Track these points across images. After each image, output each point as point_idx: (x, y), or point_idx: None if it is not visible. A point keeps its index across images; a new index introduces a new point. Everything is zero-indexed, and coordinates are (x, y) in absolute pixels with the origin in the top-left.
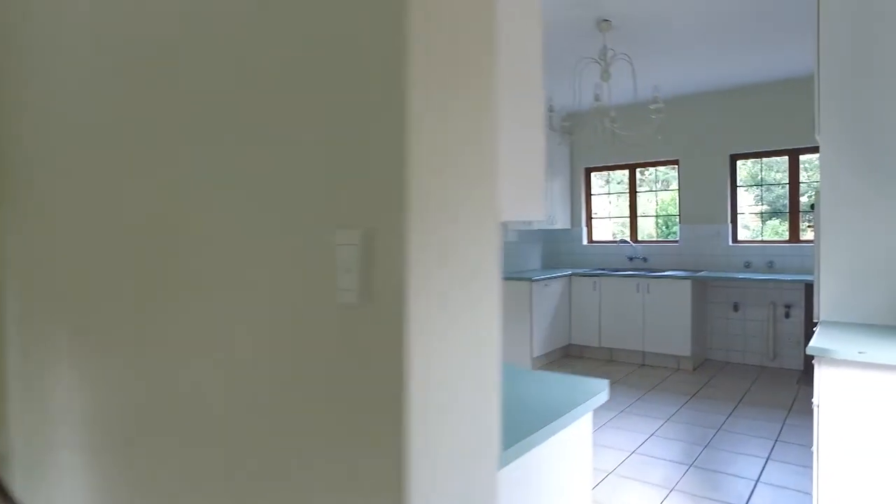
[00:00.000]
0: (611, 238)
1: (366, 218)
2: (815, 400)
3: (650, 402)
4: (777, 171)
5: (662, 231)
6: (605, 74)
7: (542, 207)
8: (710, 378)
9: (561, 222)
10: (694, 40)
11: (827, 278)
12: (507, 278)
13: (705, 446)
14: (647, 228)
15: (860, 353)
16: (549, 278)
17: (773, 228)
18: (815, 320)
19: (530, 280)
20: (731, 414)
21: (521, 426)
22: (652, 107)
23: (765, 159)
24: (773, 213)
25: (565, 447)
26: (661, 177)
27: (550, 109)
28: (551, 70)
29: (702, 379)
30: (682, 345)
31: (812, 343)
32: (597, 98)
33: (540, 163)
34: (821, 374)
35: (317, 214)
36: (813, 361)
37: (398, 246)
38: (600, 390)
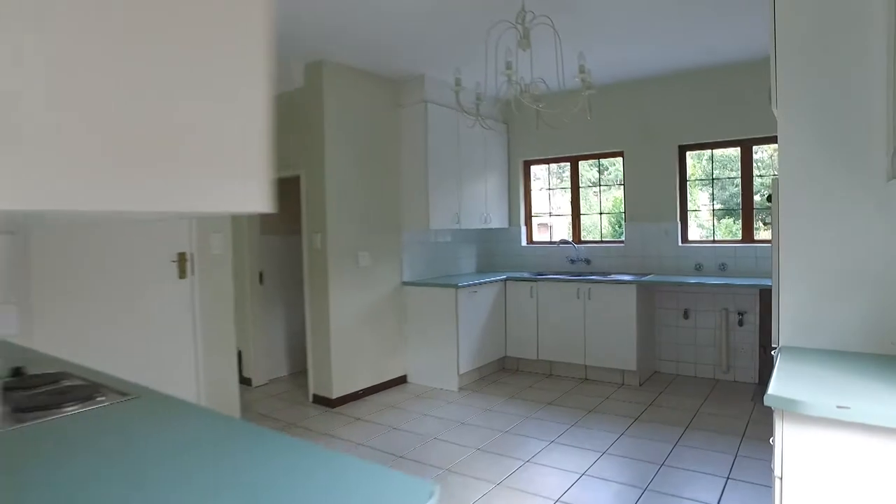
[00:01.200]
0: (552, 239)
1: None
2: (775, 471)
3: (587, 428)
4: (731, 170)
5: (616, 231)
6: (524, 42)
7: (266, 196)
8: (658, 394)
9: (497, 221)
10: (636, 17)
11: (788, 290)
12: (429, 284)
13: (645, 489)
14: (599, 228)
15: (840, 407)
16: (478, 284)
17: (727, 227)
18: (773, 346)
19: (455, 287)
20: (677, 443)
21: None
22: (578, 77)
23: (717, 151)
24: (727, 211)
25: None
26: (616, 173)
27: (478, 98)
28: (479, 53)
29: (648, 396)
30: (627, 357)
31: (771, 390)
32: (508, 67)
33: (256, 133)
34: (785, 434)
35: None
36: (773, 411)
37: None
38: None
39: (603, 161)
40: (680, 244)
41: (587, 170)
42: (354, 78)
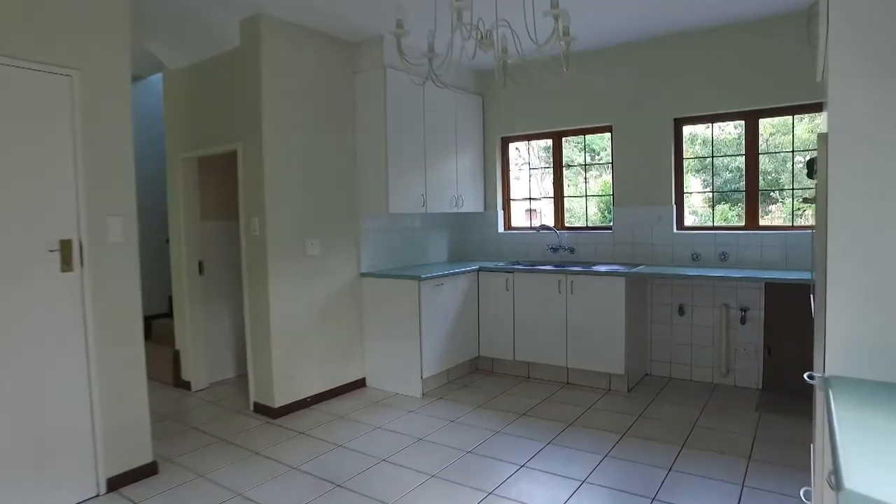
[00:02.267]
0: (532, 224)
1: None
2: None
3: (565, 446)
4: (725, 154)
5: (604, 217)
6: None
7: None
8: (649, 402)
9: (470, 205)
10: None
11: (839, 295)
12: (389, 276)
13: None
14: (585, 212)
15: None
16: (444, 276)
17: (721, 214)
18: (811, 373)
19: (418, 279)
20: (671, 468)
21: None
22: (547, 11)
23: (718, 125)
24: (724, 196)
25: None
26: (606, 157)
27: (430, 51)
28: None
29: (638, 405)
30: (614, 359)
31: (849, 481)
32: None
33: None
34: None
35: None
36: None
37: None
38: None
39: (593, 144)
40: (675, 231)
41: (573, 151)
42: (301, 37)
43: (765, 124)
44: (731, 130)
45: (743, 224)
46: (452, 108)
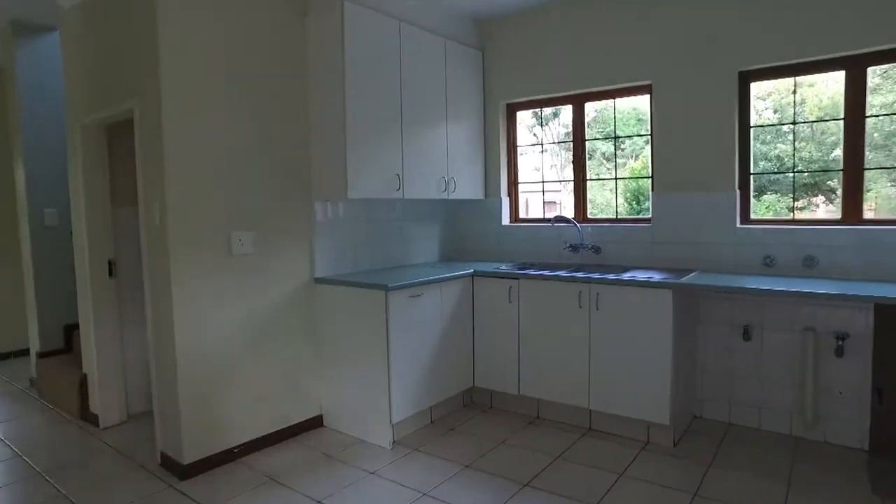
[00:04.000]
0: (545, 216)
1: None
2: None
3: None
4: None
5: (633, 208)
6: None
7: None
8: (707, 468)
9: (465, 190)
10: None
11: None
12: (349, 283)
13: None
14: (614, 200)
15: None
16: (424, 284)
17: (768, 206)
18: None
19: (384, 288)
20: None
21: None
22: None
23: (802, 79)
24: (818, 174)
25: None
26: (632, 146)
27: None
28: None
29: (691, 472)
30: (655, 404)
31: None
32: None
33: None
34: None
35: None
36: None
37: None
38: None
39: (621, 122)
40: (739, 225)
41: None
42: None
43: (874, 74)
44: (822, 87)
45: (839, 217)
46: (442, 64)
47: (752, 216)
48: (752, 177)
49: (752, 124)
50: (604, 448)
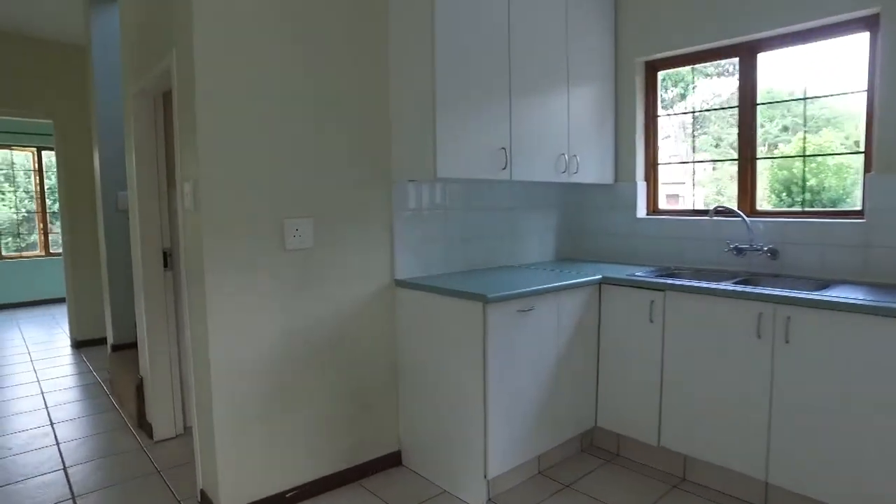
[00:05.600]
0: (696, 207)
1: None
2: None
3: None
4: None
5: (781, 202)
6: None
7: None
8: None
9: (592, 171)
10: None
11: None
12: (438, 290)
13: None
14: (802, 185)
15: None
16: (536, 294)
17: None
18: None
19: (483, 300)
20: None
21: None
22: None
23: None
24: None
25: None
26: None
27: None
28: None
29: None
30: (871, 479)
31: None
32: None
33: None
34: None
35: None
36: None
37: None
38: None
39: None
40: None
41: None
42: None
43: None
44: None
45: None
46: (562, 10)
47: None
48: None
49: None
50: None
